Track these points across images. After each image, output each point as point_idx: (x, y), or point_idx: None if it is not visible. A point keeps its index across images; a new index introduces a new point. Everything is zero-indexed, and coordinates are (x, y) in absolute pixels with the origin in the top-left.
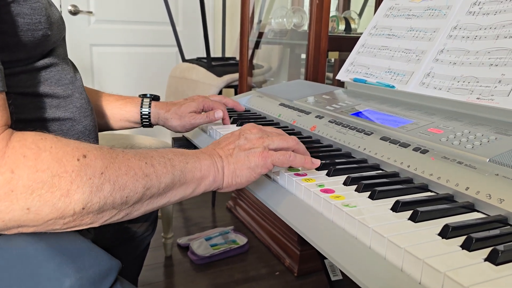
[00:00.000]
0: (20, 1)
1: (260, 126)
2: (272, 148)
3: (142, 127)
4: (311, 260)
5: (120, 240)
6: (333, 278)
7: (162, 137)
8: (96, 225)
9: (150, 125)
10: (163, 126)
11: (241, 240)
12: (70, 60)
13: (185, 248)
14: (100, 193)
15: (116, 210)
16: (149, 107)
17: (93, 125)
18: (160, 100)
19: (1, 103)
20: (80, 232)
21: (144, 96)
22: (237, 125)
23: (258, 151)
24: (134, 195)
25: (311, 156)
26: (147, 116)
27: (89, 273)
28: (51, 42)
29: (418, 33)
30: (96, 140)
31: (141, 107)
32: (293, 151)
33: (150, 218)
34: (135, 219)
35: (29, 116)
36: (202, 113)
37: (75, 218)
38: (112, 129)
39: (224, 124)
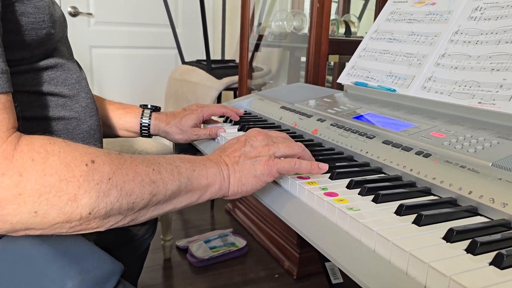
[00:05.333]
0: (24, 0)
1: (266, 131)
2: (278, 156)
3: (141, 137)
4: (310, 263)
5: (121, 242)
6: (334, 281)
7: (162, 139)
8: (102, 229)
9: (149, 136)
10: (165, 138)
11: (240, 242)
12: (75, 59)
13: (184, 251)
14: (107, 199)
15: (122, 215)
16: (149, 118)
17: (98, 124)
18: (160, 103)
19: (7, 105)
20: (83, 234)
21: (145, 106)
22: (238, 130)
23: (264, 160)
24: (140, 201)
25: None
26: (147, 127)
27: (91, 275)
28: (54, 41)
29: (420, 38)
30: (100, 140)
31: (141, 118)
32: (299, 157)
33: (150, 220)
34: None
35: (35, 114)
36: (203, 126)
37: (82, 223)
38: (112, 136)
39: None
